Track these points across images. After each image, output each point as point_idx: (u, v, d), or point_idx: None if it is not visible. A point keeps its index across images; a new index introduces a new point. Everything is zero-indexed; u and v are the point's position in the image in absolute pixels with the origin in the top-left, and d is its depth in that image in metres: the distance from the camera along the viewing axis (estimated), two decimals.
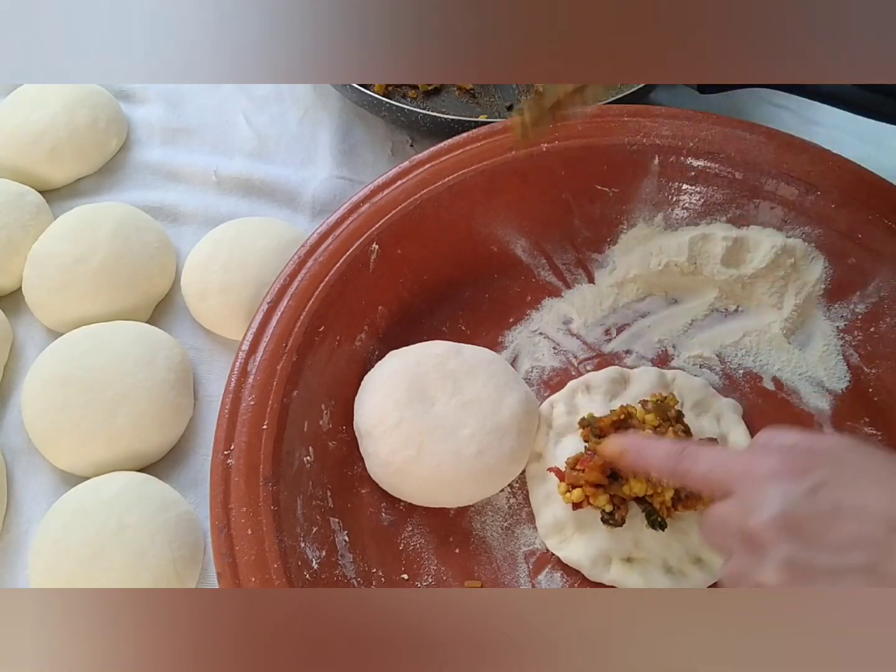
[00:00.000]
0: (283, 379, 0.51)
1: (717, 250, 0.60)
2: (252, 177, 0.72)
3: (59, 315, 0.62)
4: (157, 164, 0.73)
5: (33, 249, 0.64)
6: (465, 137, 0.61)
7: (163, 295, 0.65)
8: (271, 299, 0.54)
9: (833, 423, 0.56)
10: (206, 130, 0.76)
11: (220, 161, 0.73)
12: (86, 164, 0.72)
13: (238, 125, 0.77)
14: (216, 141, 0.75)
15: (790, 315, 0.59)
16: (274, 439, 0.49)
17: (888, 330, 0.57)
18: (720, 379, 0.59)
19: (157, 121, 0.76)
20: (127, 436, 0.55)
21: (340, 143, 0.75)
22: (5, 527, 0.55)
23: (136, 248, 0.63)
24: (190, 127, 0.76)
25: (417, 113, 0.69)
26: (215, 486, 0.47)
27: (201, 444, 0.59)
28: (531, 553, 0.52)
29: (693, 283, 0.61)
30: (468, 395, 0.53)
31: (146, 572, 0.50)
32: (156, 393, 0.56)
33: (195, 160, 0.73)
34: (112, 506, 0.51)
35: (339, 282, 0.55)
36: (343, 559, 0.50)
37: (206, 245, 0.65)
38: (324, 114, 0.78)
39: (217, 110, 0.78)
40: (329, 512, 0.51)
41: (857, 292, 0.59)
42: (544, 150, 0.60)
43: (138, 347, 0.58)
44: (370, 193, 0.59)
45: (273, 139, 0.76)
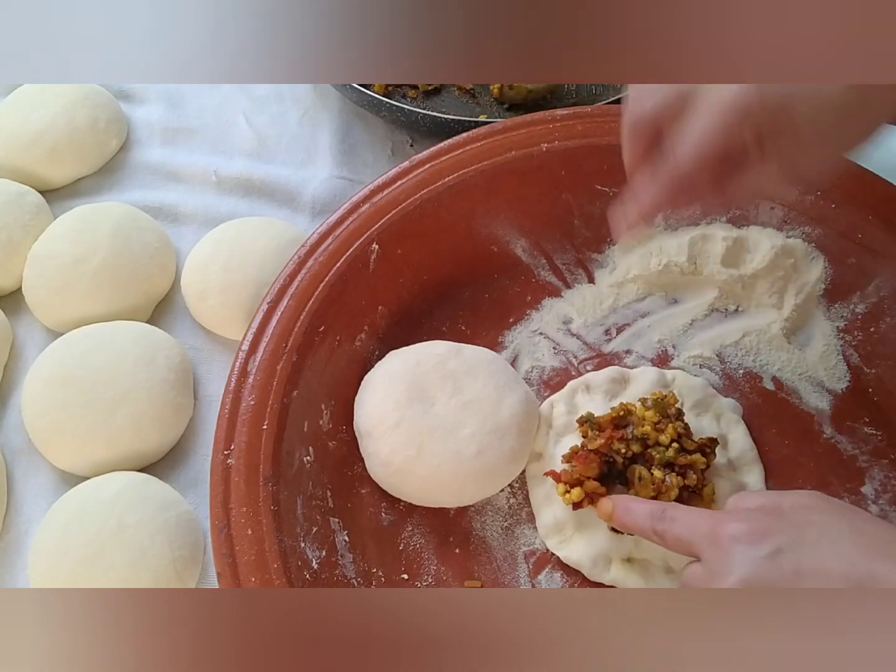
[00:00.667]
0: (283, 379, 0.51)
1: (717, 250, 0.60)
2: (252, 177, 0.72)
3: (59, 315, 0.62)
4: (157, 165, 0.73)
5: (33, 249, 0.64)
6: (465, 137, 0.61)
7: (163, 295, 0.65)
8: (271, 299, 0.54)
9: (833, 423, 0.56)
10: (207, 130, 0.76)
11: (220, 161, 0.73)
12: (86, 164, 0.72)
13: (238, 125, 0.77)
14: (216, 141, 0.75)
15: (790, 315, 0.59)
16: (274, 439, 0.49)
17: (888, 330, 0.57)
18: (720, 379, 0.59)
19: (157, 121, 0.76)
20: (127, 436, 0.55)
21: (340, 143, 0.75)
22: (5, 527, 0.55)
23: (136, 249, 0.63)
24: (190, 127, 0.76)
25: (417, 113, 0.69)
26: (215, 486, 0.47)
27: (201, 444, 0.59)
28: (531, 553, 0.52)
29: (693, 283, 0.61)
30: (468, 395, 0.53)
31: (146, 572, 0.50)
32: (156, 393, 0.56)
33: (195, 160, 0.73)
34: (112, 506, 0.51)
35: (339, 282, 0.55)
36: (343, 559, 0.50)
37: (206, 245, 0.65)
38: (324, 114, 0.78)
39: (217, 110, 0.78)
40: (329, 512, 0.51)
41: (857, 292, 0.59)
42: (544, 150, 0.60)
43: (138, 347, 0.58)
44: (370, 193, 0.59)
45: (273, 139, 0.76)
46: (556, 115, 0.62)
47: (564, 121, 0.61)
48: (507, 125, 0.61)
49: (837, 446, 0.56)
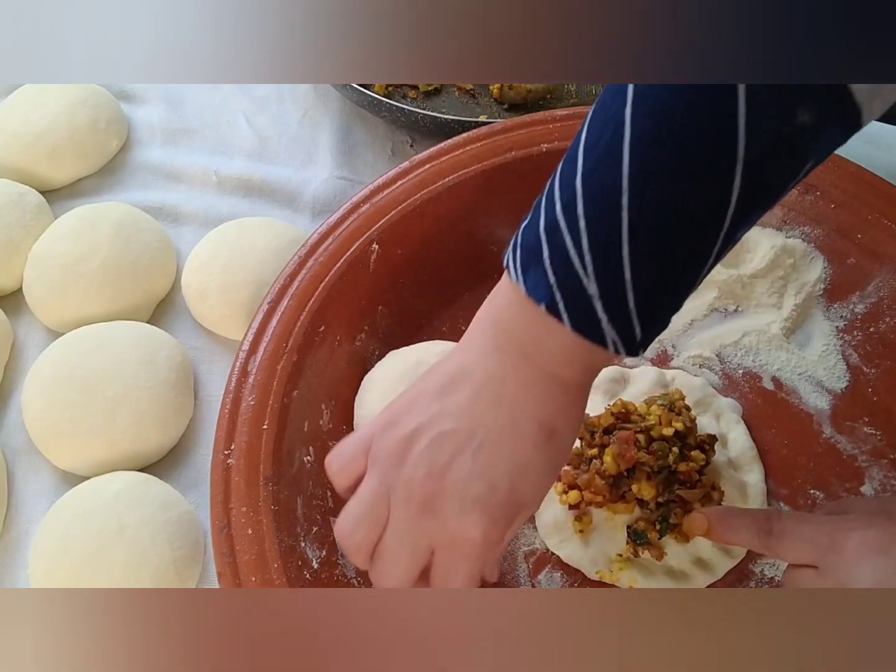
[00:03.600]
0: (284, 379, 0.51)
1: None
2: (252, 177, 0.72)
3: (60, 315, 0.62)
4: (157, 165, 0.73)
5: (34, 249, 0.64)
6: (465, 137, 0.61)
7: (163, 295, 0.65)
8: (272, 299, 0.54)
9: (832, 422, 0.56)
10: (207, 131, 0.76)
11: (221, 161, 0.73)
12: (86, 165, 0.72)
13: (238, 125, 0.77)
14: (217, 141, 0.75)
15: (790, 315, 0.59)
16: (274, 439, 0.49)
17: (888, 330, 0.57)
18: (720, 379, 0.59)
19: (157, 121, 0.76)
20: (127, 436, 0.55)
21: (340, 144, 0.75)
22: (5, 527, 0.55)
23: (136, 249, 0.63)
24: (190, 127, 0.76)
25: (417, 113, 0.69)
26: (215, 486, 0.47)
27: (201, 444, 0.59)
28: (531, 553, 0.52)
29: None
30: None
31: (146, 572, 0.50)
32: (156, 393, 0.56)
33: (196, 160, 0.73)
34: (112, 506, 0.51)
35: (340, 282, 0.55)
36: (343, 559, 0.50)
37: (206, 245, 0.65)
38: (324, 114, 0.78)
39: (217, 111, 0.78)
40: (329, 511, 0.51)
41: (856, 292, 0.59)
42: (544, 151, 0.60)
43: (139, 347, 0.58)
44: (370, 194, 0.59)
45: (273, 139, 0.76)
46: (556, 115, 0.62)
47: (564, 121, 0.62)
48: (507, 125, 0.62)
49: (837, 446, 0.56)
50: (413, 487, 0.36)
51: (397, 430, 0.37)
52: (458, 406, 0.37)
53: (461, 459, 0.36)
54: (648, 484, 0.48)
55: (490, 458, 0.36)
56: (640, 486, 0.49)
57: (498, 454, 0.36)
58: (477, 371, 0.38)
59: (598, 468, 0.49)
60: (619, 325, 0.34)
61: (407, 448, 0.37)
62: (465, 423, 0.37)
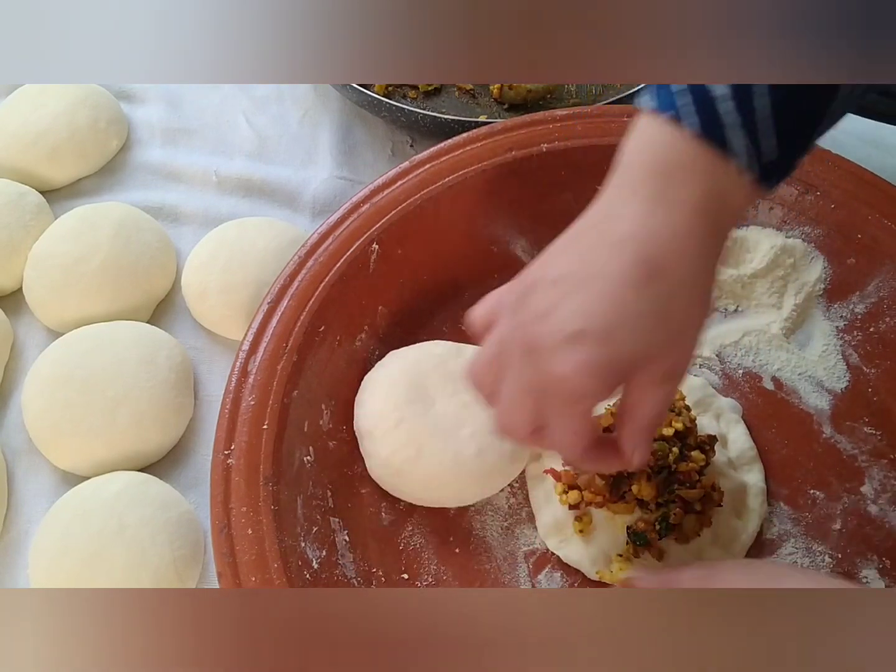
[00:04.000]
0: (284, 379, 0.51)
1: None
2: (252, 177, 0.72)
3: (60, 315, 0.62)
4: (157, 165, 0.73)
5: (34, 249, 0.64)
6: (465, 137, 0.61)
7: (163, 295, 0.65)
8: (271, 299, 0.54)
9: (832, 422, 0.56)
10: (207, 131, 0.76)
11: (221, 161, 0.73)
12: (86, 165, 0.72)
13: (238, 125, 0.77)
14: (216, 141, 0.75)
15: (790, 315, 0.59)
16: (274, 439, 0.49)
17: (888, 330, 0.57)
18: (720, 379, 0.59)
19: (157, 121, 0.76)
20: (127, 436, 0.55)
21: (340, 144, 0.75)
22: (5, 527, 0.55)
23: (136, 249, 0.63)
24: (190, 127, 0.76)
25: (417, 113, 0.69)
26: (215, 486, 0.47)
27: (201, 444, 0.59)
28: (531, 553, 0.52)
29: None
30: (468, 395, 0.53)
31: (146, 572, 0.50)
32: (156, 393, 0.56)
33: (195, 160, 0.73)
34: (112, 506, 0.51)
35: (340, 282, 0.55)
36: (343, 559, 0.50)
37: (206, 245, 0.65)
38: (324, 114, 0.78)
39: (217, 110, 0.78)
40: (329, 512, 0.51)
41: (856, 292, 0.59)
42: (544, 151, 0.60)
43: (139, 347, 0.58)
44: (370, 194, 0.59)
45: (273, 139, 0.76)
46: (556, 115, 0.62)
47: (564, 121, 0.62)
48: (507, 125, 0.62)
49: (837, 446, 0.56)
50: (524, 330, 0.37)
51: (522, 280, 0.39)
52: (576, 252, 0.37)
53: (563, 302, 0.35)
54: (648, 484, 0.49)
55: (585, 298, 0.35)
56: (640, 486, 0.49)
57: (590, 294, 0.35)
58: (596, 205, 0.38)
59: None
60: (751, 131, 0.30)
61: (525, 295, 0.38)
62: (575, 268, 0.36)
